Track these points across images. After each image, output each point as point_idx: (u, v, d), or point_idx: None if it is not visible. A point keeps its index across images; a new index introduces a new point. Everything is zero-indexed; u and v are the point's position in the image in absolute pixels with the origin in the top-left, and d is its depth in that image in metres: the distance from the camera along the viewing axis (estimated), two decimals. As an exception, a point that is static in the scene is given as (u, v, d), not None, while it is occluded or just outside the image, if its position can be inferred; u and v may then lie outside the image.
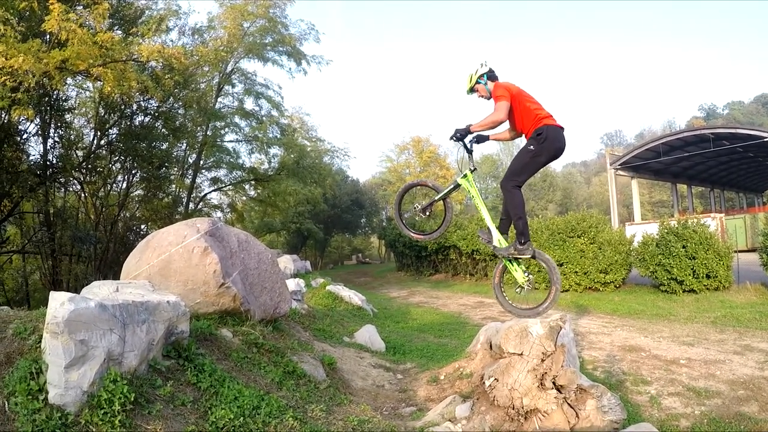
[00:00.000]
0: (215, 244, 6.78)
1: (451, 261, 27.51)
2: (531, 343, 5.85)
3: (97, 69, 15.44)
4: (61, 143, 22.88)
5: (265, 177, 31.42)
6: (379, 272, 36.31)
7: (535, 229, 21.14)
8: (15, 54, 13.35)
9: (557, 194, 63.02)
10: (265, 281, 7.62)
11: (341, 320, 13.08)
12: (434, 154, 49.92)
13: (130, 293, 4.73)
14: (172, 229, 6.96)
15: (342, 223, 53.93)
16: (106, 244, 24.32)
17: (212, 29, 29.19)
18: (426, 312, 17.17)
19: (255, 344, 6.42)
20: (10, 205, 20.93)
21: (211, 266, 6.46)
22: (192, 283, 6.45)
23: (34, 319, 4.50)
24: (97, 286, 4.97)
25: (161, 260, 6.53)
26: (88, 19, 15.54)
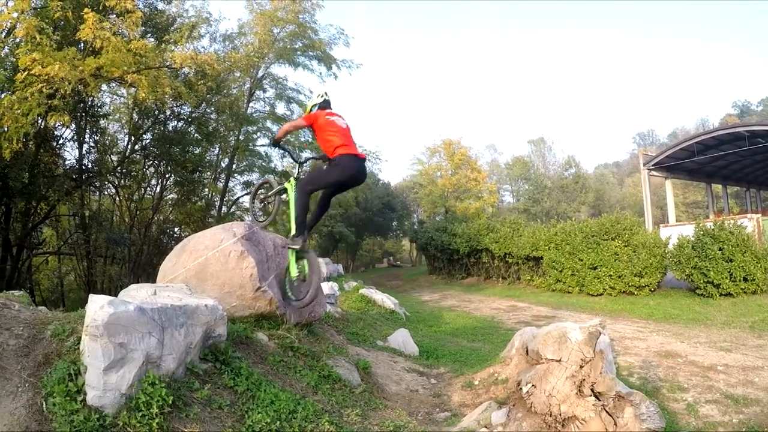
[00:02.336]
0: (251, 248, 6.80)
1: (483, 264, 27.35)
2: (570, 349, 5.73)
3: (132, 76, 15.66)
4: (96, 148, 23.25)
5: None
6: (411, 275, 36.15)
7: (569, 232, 21.15)
8: (51, 62, 13.57)
9: (590, 196, 62.25)
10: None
11: (374, 324, 13.02)
12: (465, 156, 49.57)
13: (168, 296, 4.77)
14: (209, 233, 7.02)
15: (373, 226, 53.55)
16: (140, 246, 24.65)
17: (243, 35, 29.66)
18: (458, 316, 17.01)
19: (291, 348, 6.43)
20: (47, 208, 21.25)
21: (248, 270, 6.48)
22: (228, 286, 6.47)
23: (73, 320, 4.54)
24: (134, 288, 5.03)
25: (198, 264, 6.59)
26: (122, 27, 15.75)
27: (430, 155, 52.30)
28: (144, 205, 26.73)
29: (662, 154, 31.32)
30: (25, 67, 13.88)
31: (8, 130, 14.44)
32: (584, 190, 62.04)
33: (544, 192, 60.80)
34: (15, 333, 4.24)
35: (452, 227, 29.94)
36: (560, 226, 22.33)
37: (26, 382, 3.76)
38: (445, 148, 49.61)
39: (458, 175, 48.04)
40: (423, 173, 52.30)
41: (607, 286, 18.96)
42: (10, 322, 4.39)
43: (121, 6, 15.58)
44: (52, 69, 13.43)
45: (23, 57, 14.00)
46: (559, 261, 20.75)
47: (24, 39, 14.42)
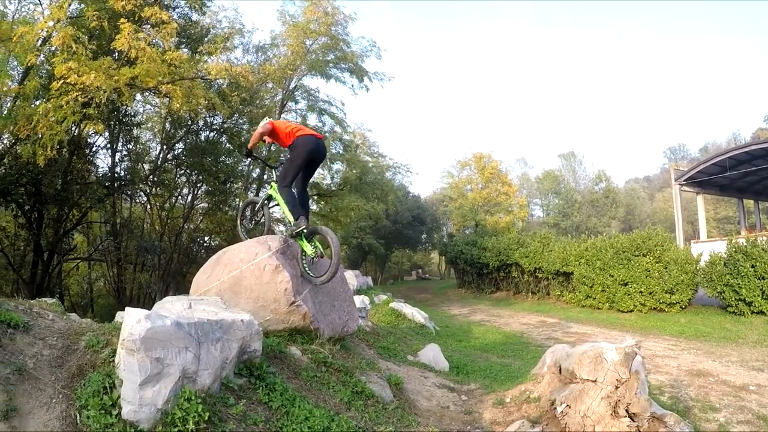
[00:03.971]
0: (286, 262, 6.78)
1: (512, 279, 27.05)
2: (605, 369, 5.66)
3: (166, 86, 15.77)
4: (129, 156, 23.45)
5: (328, 192, 31.49)
6: (439, 289, 36.00)
7: (600, 248, 20.90)
8: (87, 71, 13.71)
9: (620, 211, 61.63)
10: (334, 299, 7.60)
11: (404, 338, 12.92)
12: (496, 170, 49.34)
13: (203, 310, 4.74)
14: (243, 246, 7.01)
15: (403, 239, 53.42)
16: (170, 254, 24.74)
17: (275, 47, 29.73)
18: (488, 331, 16.88)
19: (324, 363, 6.37)
20: (79, 214, 21.46)
21: (282, 284, 6.45)
22: (262, 300, 6.46)
23: (107, 332, 4.52)
24: (169, 301, 4.99)
25: (232, 277, 6.58)
26: (156, 37, 15.87)
27: (460, 168, 52.23)
28: (175, 213, 26.93)
29: (694, 170, 30.94)
30: (61, 75, 14.05)
31: (43, 137, 14.61)
32: (614, 205, 61.45)
33: (574, 206, 60.43)
34: (49, 343, 4.23)
35: (482, 241, 29.73)
36: (591, 242, 22.10)
37: (60, 393, 3.73)
38: (476, 161, 49.43)
39: (489, 188, 47.89)
40: (453, 186, 52.19)
41: (637, 302, 18.70)
42: (44, 332, 4.38)
43: (156, 17, 15.73)
44: (88, 78, 13.58)
45: (59, 66, 14.17)
46: (589, 277, 20.50)
47: (60, 48, 14.56)
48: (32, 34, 15.78)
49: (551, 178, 64.74)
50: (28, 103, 16.81)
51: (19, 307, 4.75)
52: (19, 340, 4.09)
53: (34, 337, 4.22)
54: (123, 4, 15.53)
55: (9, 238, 21.60)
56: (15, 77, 18.87)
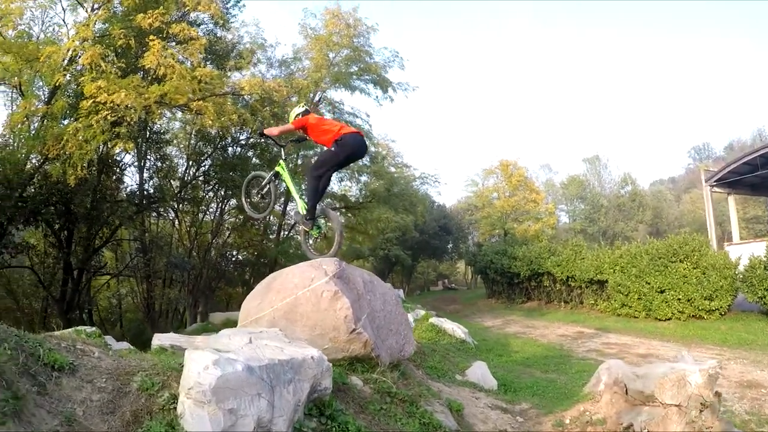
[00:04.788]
0: (344, 287, 6.45)
1: (544, 288, 26.70)
2: (689, 393, 5.50)
3: (197, 103, 15.65)
4: (157, 174, 23.45)
5: (356, 205, 31.33)
6: (468, 299, 35.67)
7: (634, 254, 20.57)
8: (117, 90, 13.61)
9: (647, 214, 60.62)
10: (390, 323, 7.28)
11: (447, 355, 12.57)
12: (523, 177, 48.89)
13: (266, 345, 4.39)
14: (297, 271, 6.69)
15: (429, 249, 53.24)
16: (199, 270, 24.69)
17: (298, 60, 29.71)
18: (526, 343, 16.55)
19: (388, 393, 6.07)
20: (108, 232, 21.43)
21: (342, 311, 6.15)
22: (320, 328, 6.16)
23: (161, 371, 4.23)
24: (226, 335, 4.66)
25: (286, 304, 6.29)
26: (184, 54, 15.77)
27: (485, 176, 51.95)
28: (203, 228, 26.93)
29: (724, 170, 30.23)
30: (91, 94, 13.99)
31: (73, 157, 14.53)
32: (641, 209, 60.58)
33: (600, 211, 59.68)
34: (98, 386, 3.92)
35: (512, 250, 29.32)
36: (625, 248, 21.77)
37: (115, 444, 3.45)
38: (502, 169, 49.05)
39: (516, 196, 47.50)
40: (478, 195, 51.94)
41: (675, 310, 18.31)
42: (91, 372, 4.08)
43: (184, 33, 15.64)
44: (118, 97, 13.49)
45: (89, 85, 14.15)
46: (624, 284, 20.09)
47: (88, 67, 14.50)
48: (59, 54, 15.77)
49: (576, 183, 63.95)
50: (56, 123, 16.86)
51: (62, 345, 4.48)
52: (66, 385, 3.80)
53: (82, 379, 3.92)
54: (150, 22, 15.52)
55: (39, 256, 21.59)
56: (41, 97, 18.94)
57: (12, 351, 3.56)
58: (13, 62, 16.50)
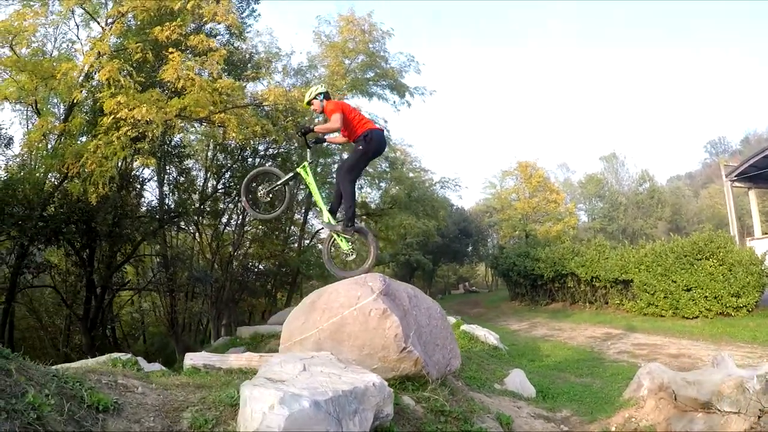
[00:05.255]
0: (392, 304, 6.22)
1: (568, 289, 26.40)
2: (748, 399, 5.35)
3: (219, 116, 15.53)
4: (177, 188, 23.44)
5: (377, 212, 31.15)
6: (490, 302, 35.42)
7: (659, 253, 20.28)
8: (137, 105, 13.50)
9: (666, 211, 60.14)
10: (436, 338, 7.04)
11: (482, 363, 12.39)
12: (543, 178, 48.63)
13: (321, 372, 4.14)
14: (342, 289, 6.47)
15: (450, 253, 53.10)
16: (222, 282, 24.66)
17: (313, 68, 29.60)
18: (555, 347, 16.31)
19: (441, 412, 5.82)
20: (130, 248, 21.37)
21: (392, 330, 5.93)
22: (369, 348, 5.94)
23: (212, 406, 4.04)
24: (277, 363, 4.39)
25: (333, 324, 6.09)
26: (203, 66, 15.66)
27: (503, 178, 51.83)
28: (225, 240, 26.92)
29: (745, 164, 29.72)
30: (111, 110, 13.87)
31: (93, 175, 14.45)
32: (660, 205, 60.14)
33: (619, 209, 59.31)
34: (146, 426, 3.71)
35: (535, 252, 29.06)
36: (650, 247, 21.43)
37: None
38: (522, 170, 48.76)
39: (537, 197, 47.31)
40: (497, 196, 51.82)
41: (702, 308, 18.02)
42: (137, 411, 3.87)
43: (203, 45, 15.52)
44: (139, 112, 13.36)
45: (108, 101, 14.03)
46: (650, 283, 19.81)
47: (106, 82, 14.40)
48: (76, 71, 15.71)
49: (594, 182, 63.62)
50: (74, 140, 16.80)
51: (102, 381, 4.30)
52: (112, 426, 3.58)
53: (128, 419, 3.70)
54: (167, 34, 15.38)
55: (61, 274, 21.62)
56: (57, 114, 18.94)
57: (54, 397, 3.38)
58: (28, 80, 16.44)
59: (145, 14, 16.30)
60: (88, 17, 17.71)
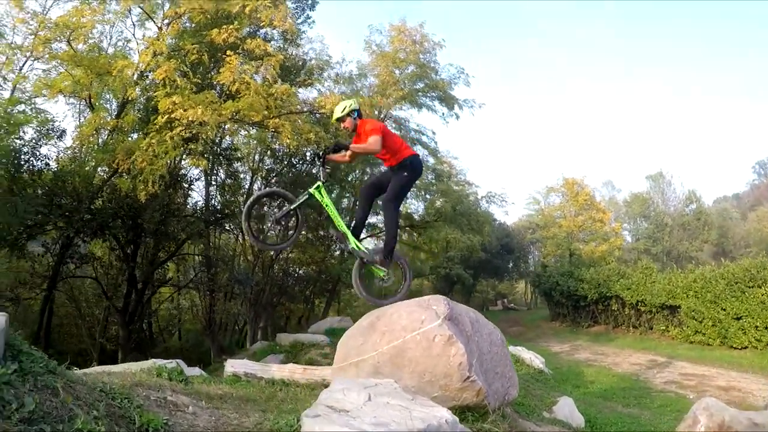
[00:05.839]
0: (456, 330, 5.95)
1: (612, 312, 25.96)
2: None
3: (273, 121, 15.49)
4: (226, 190, 23.61)
5: (422, 224, 30.84)
6: (530, 320, 35.02)
7: (709, 278, 19.86)
8: (192, 105, 13.51)
9: (712, 233, 58.69)
10: (497, 365, 6.74)
11: (529, 389, 12.11)
12: (589, 196, 47.88)
13: (388, 404, 3.90)
14: (404, 312, 6.20)
15: (491, 268, 52.50)
16: (262, 285, 24.71)
17: (363, 77, 29.60)
18: (599, 373, 15.98)
19: None
20: (174, 246, 21.50)
21: (456, 358, 5.65)
22: (430, 375, 5.67)
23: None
24: (340, 390, 4.13)
25: (393, 347, 5.85)
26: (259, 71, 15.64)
27: (548, 194, 51.32)
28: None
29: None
30: (165, 110, 13.91)
31: (144, 173, 14.51)
32: (707, 227, 58.77)
33: (664, 230, 58.16)
34: (201, 455, 3.56)
35: (579, 272, 28.70)
36: (699, 272, 21.02)
37: None
38: (568, 187, 48.08)
39: (584, 215, 46.59)
40: (541, 213, 51.38)
41: (752, 338, 17.57)
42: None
43: (260, 49, 15.51)
44: (194, 113, 13.35)
45: (163, 100, 14.09)
46: (699, 310, 19.43)
47: (162, 82, 14.45)
48: (132, 68, 15.83)
49: (640, 201, 62.29)
50: (125, 137, 16.95)
51: (151, 398, 4.15)
52: (164, 454, 3.45)
53: (182, 446, 3.57)
54: (225, 37, 15.40)
55: (103, 267, 21.87)
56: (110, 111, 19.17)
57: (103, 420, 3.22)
58: (84, 75, 16.73)
59: (202, 16, 16.43)
60: (144, 17, 17.91)
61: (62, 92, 17.49)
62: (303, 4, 23.57)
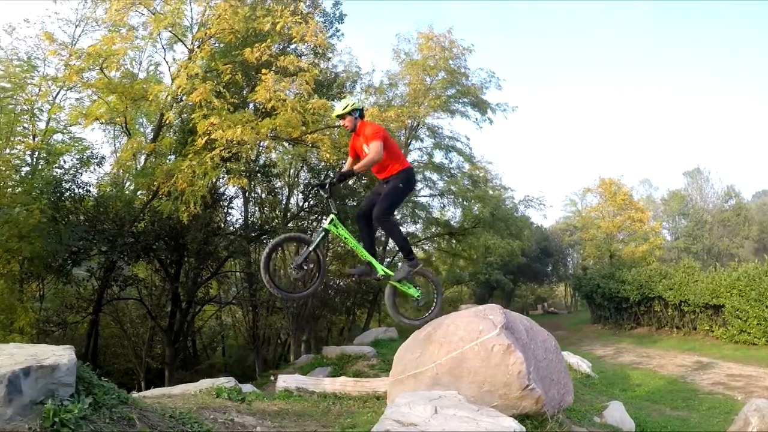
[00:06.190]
0: (514, 339, 6.01)
1: (655, 313, 25.63)
2: None
3: (312, 136, 15.66)
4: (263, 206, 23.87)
5: (461, 231, 30.73)
6: (572, 324, 34.69)
7: (753, 276, 19.66)
8: (230, 125, 13.72)
9: (753, 229, 57.54)
10: (552, 372, 6.75)
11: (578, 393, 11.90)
12: (628, 196, 46.93)
13: (454, 416, 3.88)
14: (461, 322, 6.25)
15: (530, 273, 52.07)
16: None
17: (393, 86, 29.62)
18: (645, 375, 15.82)
19: None
20: (216, 264, 21.81)
21: (515, 366, 5.69)
22: (489, 384, 5.71)
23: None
24: (405, 404, 4.12)
25: (452, 358, 5.88)
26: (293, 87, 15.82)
27: (584, 195, 50.73)
28: (308, 258, 27.32)
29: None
30: (204, 131, 14.15)
31: (185, 194, 14.76)
32: (747, 223, 57.70)
33: (704, 228, 57.27)
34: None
35: (620, 273, 28.31)
36: (743, 270, 20.68)
37: None
38: (605, 188, 47.23)
39: (622, 216, 45.71)
40: (578, 215, 50.88)
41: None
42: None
43: (294, 65, 15.68)
44: (234, 133, 13.57)
45: (201, 122, 14.32)
46: (743, 309, 19.13)
47: (198, 103, 14.68)
48: (167, 92, 16.11)
49: (678, 199, 61.33)
50: (164, 159, 17.25)
51: (218, 419, 4.25)
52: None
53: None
54: (257, 56, 15.61)
55: (147, 288, 22.18)
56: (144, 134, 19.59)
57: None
58: (118, 101, 17.02)
59: (232, 36, 16.63)
60: (173, 39, 18.16)
61: (98, 119, 17.79)
62: (331, 18, 23.69)
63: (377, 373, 13.31)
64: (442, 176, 30.86)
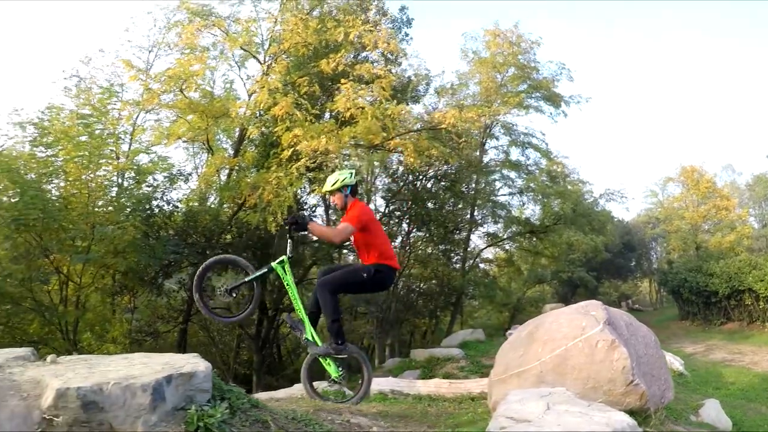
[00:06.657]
0: (618, 335, 5.98)
1: (745, 307, 24.63)
2: None
3: (395, 141, 15.90)
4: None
5: (541, 228, 30.30)
6: (659, 321, 33.65)
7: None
8: (314, 136, 14.08)
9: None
10: (653, 368, 6.64)
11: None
12: (711, 184, 44.82)
13: (567, 412, 3.94)
14: (564, 319, 6.29)
15: (613, 269, 50.71)
16: (388, 303, 25.14)
17: (464, 86, 29.68)
18: (738, 373, 15.37)
19: None
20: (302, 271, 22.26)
21: (620, 362, 5.67)
22: (593, 381, 5.71)
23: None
24: (517, 401, 4.23)
25: (556, 356, 5.90)
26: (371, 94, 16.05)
27: (665, 185, 48.86)
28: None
29: None
30: (289, 144, 14.56)
31: (272, 205, 15.17)
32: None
33: (793, 213, 54.95)
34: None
35: (708, 266, 27.26)
36: (838, 258, 19.85)
37: None
38: (686, 176, 45.21)
39: (707, 205, 43.55)
40: (660, 206, 49.19)
41: None
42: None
43: (370, 73, 15.91)
44: (319, 143, 13.91)
45: (285, 134, 14.72)
46: (840, 300, 18.34)
47: (281, 117, 15.05)
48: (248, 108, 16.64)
49: (763, 183, 58.36)
50: (247, 173, 17.76)
51: (335, 421, 4.45)
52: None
53: None
54: (333, 66, 15.99)
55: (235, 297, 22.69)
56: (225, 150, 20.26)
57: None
58: (199, 120, 17.65)
59: (304, 49, 17.02)
60: (246, 56, 18.65)
61: (180, 138, 18.55)
62: (399, 23, 23.90)
63: (467, 374, 13.40)
64: (520, 174, 30.60)
